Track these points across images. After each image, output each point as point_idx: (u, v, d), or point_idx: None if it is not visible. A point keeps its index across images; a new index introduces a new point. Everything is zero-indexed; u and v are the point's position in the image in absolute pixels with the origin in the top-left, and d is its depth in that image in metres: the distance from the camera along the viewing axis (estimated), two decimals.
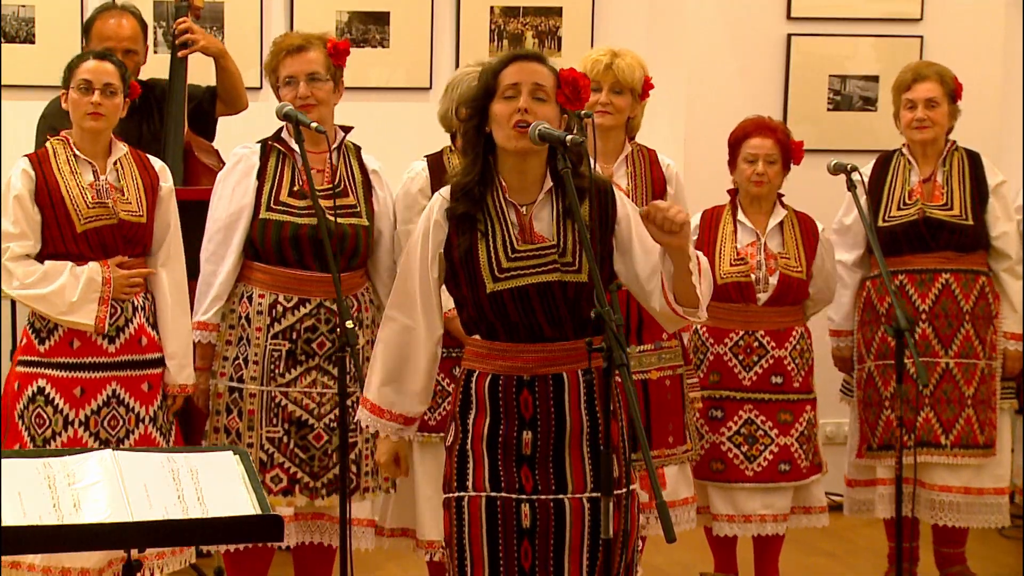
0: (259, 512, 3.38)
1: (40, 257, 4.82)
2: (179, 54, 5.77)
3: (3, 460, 3.32)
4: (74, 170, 4.82)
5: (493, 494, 3.86)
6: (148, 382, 4.89)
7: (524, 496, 3.86)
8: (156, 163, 4.99)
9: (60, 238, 4.80)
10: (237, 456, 3.53)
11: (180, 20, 5.81)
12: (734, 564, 5.66)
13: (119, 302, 4.84)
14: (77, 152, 4.83)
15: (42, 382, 4.82)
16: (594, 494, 3.88)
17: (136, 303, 4.87)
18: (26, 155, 4.88)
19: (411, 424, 4.03)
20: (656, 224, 3.73)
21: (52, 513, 3.28)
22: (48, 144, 4.87)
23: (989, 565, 6.06)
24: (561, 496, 3.87)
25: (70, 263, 4.80)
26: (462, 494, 3.87)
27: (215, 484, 3.43)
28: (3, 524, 3.20)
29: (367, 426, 4.06)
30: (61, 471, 3.37)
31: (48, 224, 4.80)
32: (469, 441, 3.88)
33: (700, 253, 3.90)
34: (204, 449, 3.68)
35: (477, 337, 3.91)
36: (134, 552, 3.47)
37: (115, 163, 4.87)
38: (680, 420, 5.25)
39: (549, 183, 3.88)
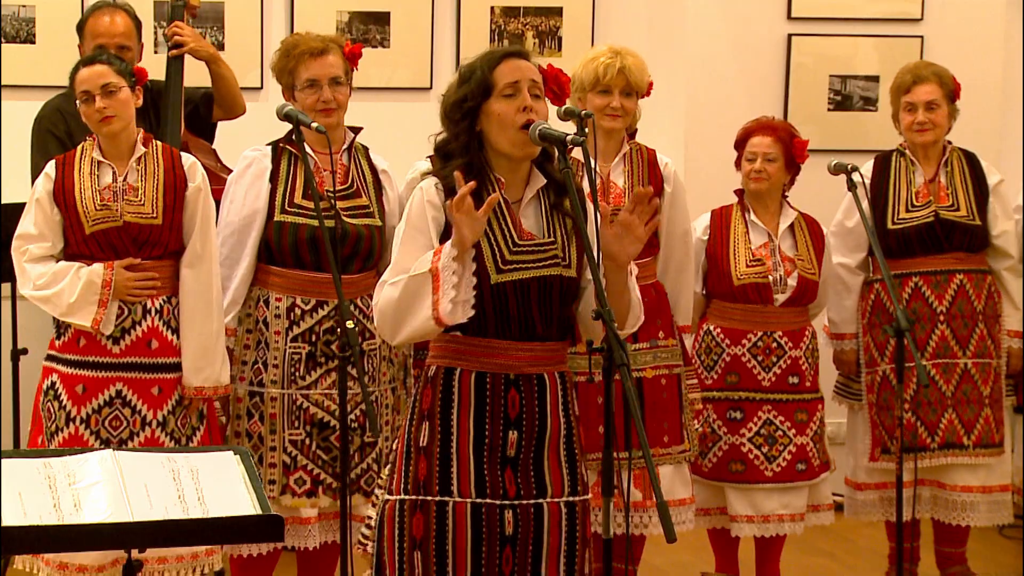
0: (259, 512, 3.38)
1: (63, 257, 4.84)
2: (170, 53, 5.76)
3: (3, 460, 3.32)
4: (93, 172, 4.82)
5: (479, 500, 3.83)
6: (159, 386, 4.87)
7: (507, 502, 3.84)
8: (187, 160, 4.94)
9: (74, 240, 4.82)
10: (237, 456, 3.53)
11: (172, 26, 5.79)
12: (735, 564, 5.66)
13: (127, 304, 4.83)
14: (100, 155, 4.84)
15: (54, 377, 4.86)
16: (570, 498, 3.90)
17: (150, 306, 4.85)
18: (55, 157, 4.91)
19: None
20: (629, 219, 3.72)
21: (52, 513, 3.27)
22: (80, 146, 4.89)
23: (989, 565, 6.06)
24: (541, 501, 3.86)
25: (77, 264, 4.80)
26: (446, 499, 3.84)
27: (215, 484, 3.43)
28: (3, 524, 3.20)
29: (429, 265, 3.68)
30: (61, 471, 3.37)
31: (65, 225, 4.82)
32: (454, 442, 3.84)
33: (634, 282, 3.88)
34: (204, 449, 3.68)
35: (458, 334, 3.83)
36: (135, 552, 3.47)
37: (138, 163, 4.86)
38: (677, 420, 5.24)
39: (539, 182, 3.88)
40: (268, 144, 4.98)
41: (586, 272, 3.89)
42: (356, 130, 5.04)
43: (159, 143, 4.94)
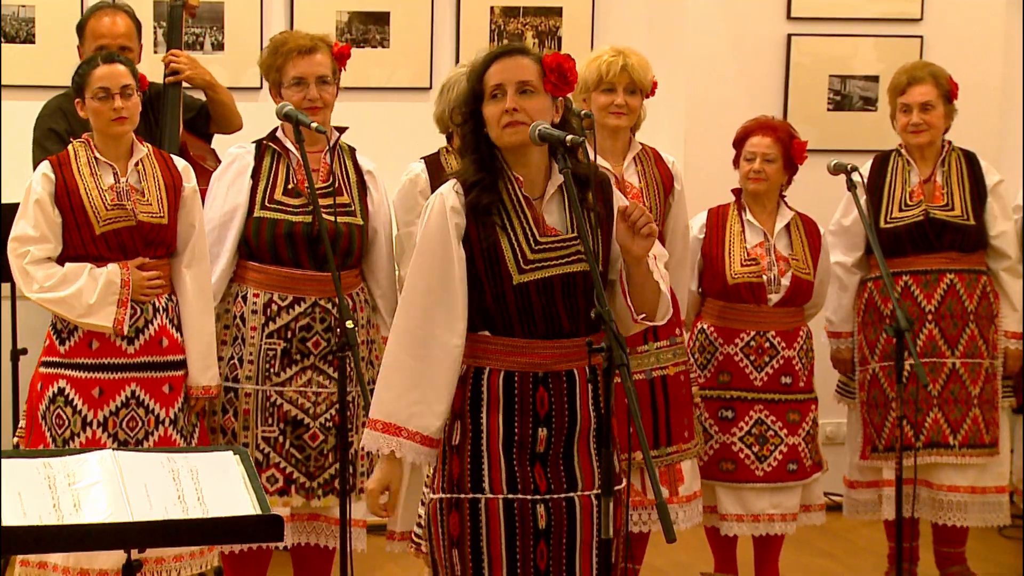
0: (259, 512, 3.38)
1: (61, 259, 4.82)
2: (166, 80, 5.75)
3: (3, 460, 3.33)
4: (94, 172, 4.82)
5: (510, 496, 3.85)
6: (169, 384, 4.88)
7: (539, 496, 3.86)
8: (180, 163, 4.98)
9: (80, 240, 4.80)
10: (237, 456, 3.54)
11: (168, 54, 5.79)
12: (734, 564, 5.66)
13: (139, 304, 4.83)
14: (98, 155, 4.84)
15: (62, 383, 4.83)
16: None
17: (157, 304, 4.87)
18: (48, 158, 4.89)
19: (429, 446, 3.84)
20: (630, 223, 3.74)
21: (52, 513, 3.28)
22: (70, 147, 4.88)
23: (989, 565, 6.07)
24: (572, 494, 3.88)
25: (89, 265, 4.80)
26: (479, 496, 3.86)
27: (215, 484, 3.43)
28: (3, 524, 3.20)
29: (378, 450, 3.82)
30: (61, 471, 3.37)
31: (68, 227, 4.80)
32: (484, 440, 3.86)
33: (663, 268, 3.88)
34: (204, 449, 3.68)
35: (487, 334, 3.87)
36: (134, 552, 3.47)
37: (137, 164, 4.87)
38: (692, 415, 5.28)
39: (559, 179, 3.88)
40: (252, 142, 5.00)
41: (614, 265, 3.90)
42: (341, 129, 5.05)
43: (149, 145, 4.95)
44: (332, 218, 4.87)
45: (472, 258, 3.83)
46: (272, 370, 4.91)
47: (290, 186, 4.89)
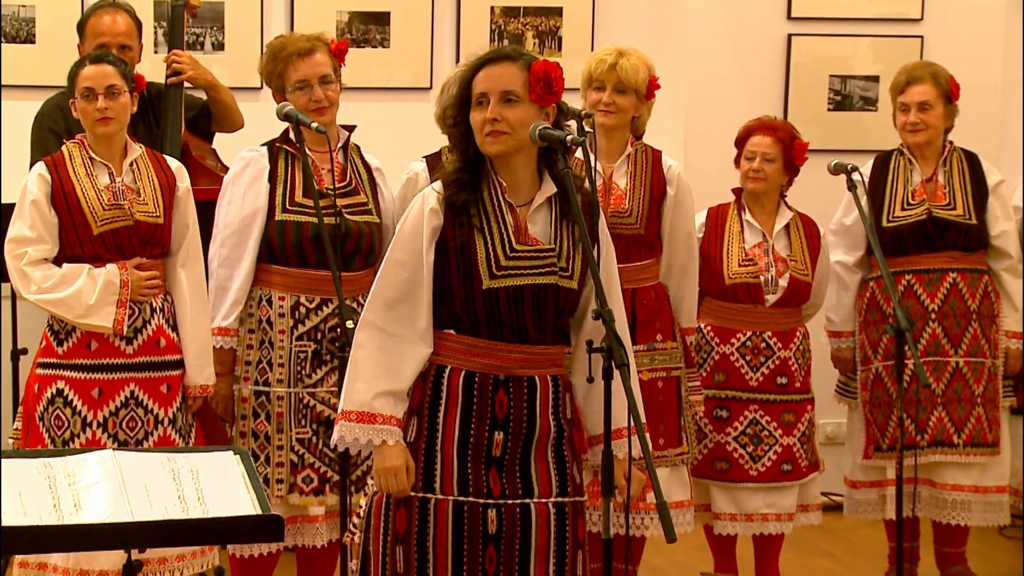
0: (259, 512, 3.38)
1: (58, 260, 4.82)
2: (168, 80, 5.76)
3: (3, 460, 3.32)
4: (90, 172, 4.82)
5: (461, 499, 3.83)
6: (167, 384, 4.88)
7: (491, 501, 3.83)
8: (173, 164, 4.99)
9: (77, 241, 4.80)
10: (237, 456, 3.54)
11: (170, 54, 5.80)
12: (734, 564, 5.66)
13: (137, 304, 4.83)
14: (93, 155, 4.84)
15: (61, 384, 4.82)
16: (559, 499, 3.88)
17: (154, 304, 4.87)
18: (43, 159, 4.89)
19: (400, 426, 3.84)
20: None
21: (52, 513, 3.28)
22: (64, 147, 4.88)
23: (989, 565, 6.07)
24: (527, 501, 3.85)
25: (87, 266, 4.80)
26: (428, 495, 3.84)
27: (215, 484, 3.43)
28: (3, 524, 3.20)
29: (354, 440, 3.80)
30: (61, 471, 3.37)
31: (65, 227, 4.80)
32: (439, 440, 3.84)
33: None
34: (204, 449, 3.68)
35: (451, 332, 3.85)
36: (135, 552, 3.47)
37: (131, 164, 4.87)
38: (674, 422, 5.22)
39: (550, 189, 3.86)
40: (263, 144, 4.99)
41: (588, 282, 3.88)
42: (350, 128, 5.05)
43: (142, 145, 4.95)
44: (356, 218, 4.89)
45: (446, 256, 3.82)
46: (303, 372, 4.91)
47: (318, 188, 4.85)
